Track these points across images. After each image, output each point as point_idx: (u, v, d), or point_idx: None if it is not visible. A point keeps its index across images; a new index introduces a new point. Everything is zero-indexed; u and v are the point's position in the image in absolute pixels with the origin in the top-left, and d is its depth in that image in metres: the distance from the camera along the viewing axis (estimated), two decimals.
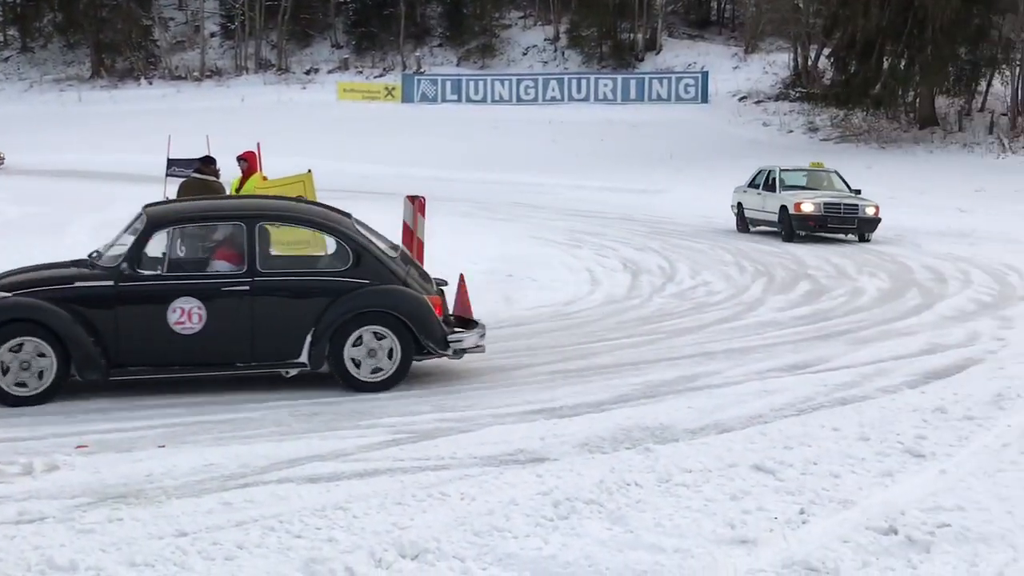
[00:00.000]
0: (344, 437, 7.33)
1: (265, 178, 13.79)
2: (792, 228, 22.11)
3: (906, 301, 14.33)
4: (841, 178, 23.79)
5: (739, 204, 24.63)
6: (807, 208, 21.96)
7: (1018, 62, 43.61)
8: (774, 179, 23.41)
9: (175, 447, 7.08)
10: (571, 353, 10.63)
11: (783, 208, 22.40)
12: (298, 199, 12.99)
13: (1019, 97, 43.34)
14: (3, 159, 39.21)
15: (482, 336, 9.49)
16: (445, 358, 9.18)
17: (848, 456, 6.92)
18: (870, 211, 21.94)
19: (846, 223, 22.03)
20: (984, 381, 9.30)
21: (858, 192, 22.95)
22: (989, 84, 45.46)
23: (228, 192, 13.81)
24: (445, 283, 9.97)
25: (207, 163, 13.52)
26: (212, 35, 66.31)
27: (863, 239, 22.02)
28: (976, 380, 9.37)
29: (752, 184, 24.36)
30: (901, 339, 11.51)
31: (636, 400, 8.59)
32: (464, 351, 9.25)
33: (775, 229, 22.90)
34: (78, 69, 64.37)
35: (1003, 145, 40.91)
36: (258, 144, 14.06)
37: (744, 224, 24.27)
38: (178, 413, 8.09)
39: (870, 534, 5.52)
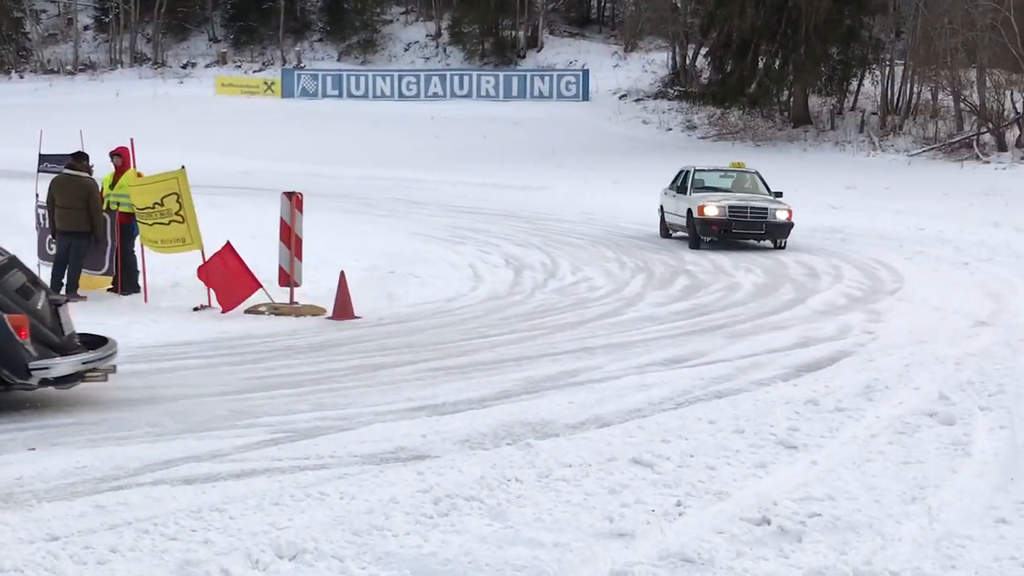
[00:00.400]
0: (221, 437, 7.22)
1: (140, 175, 13.53)
2: (697, 234, 20.46)
3: (780, 296, 14.66)
4: (762, 180, 22.04)
5: (661, 208, 22.71)
6: (710, 212, 20.04)
7: (888, 62, 44.94)
8: (690, 180, 21.54)
9: (46, 449, 6.88)
10: (453, 350, 10.64)
11: (689, 212, 20.68)
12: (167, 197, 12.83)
13: (889, 96, 44.66)
14: None
15: (93, 361, 8.15)
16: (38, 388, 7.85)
17: (723, 448, 7.05)
18: (781, 215, 20.14)
19: (753, 228, 20.26)
20: (854, 373, 9.56)
21: (779, 195, 21.23)
22: (860, 84, 46.74)
23: (101, 188, 13.52)
24: (62, 300, 8.75)
25: (79, 159, 13.21)
26: (85, 28, 64.74)
27: (777, 246, 20.36)
28: (846, 372, 9.63)
29: (672, 185, 22.40)
30: (775, 333, 11.78)
31: (517, 396, 8.63)
32: (64, 380, 7.92)
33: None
34: None
35: (873, 143, 42.11)
36: (131, 140, 13.78)
37: (665, 229, 22.41)
38: (49, 414, 7.87)
39: (744, 525, 5.63)
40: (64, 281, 13.10)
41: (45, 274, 12.65)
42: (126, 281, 13.49)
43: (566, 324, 12.32)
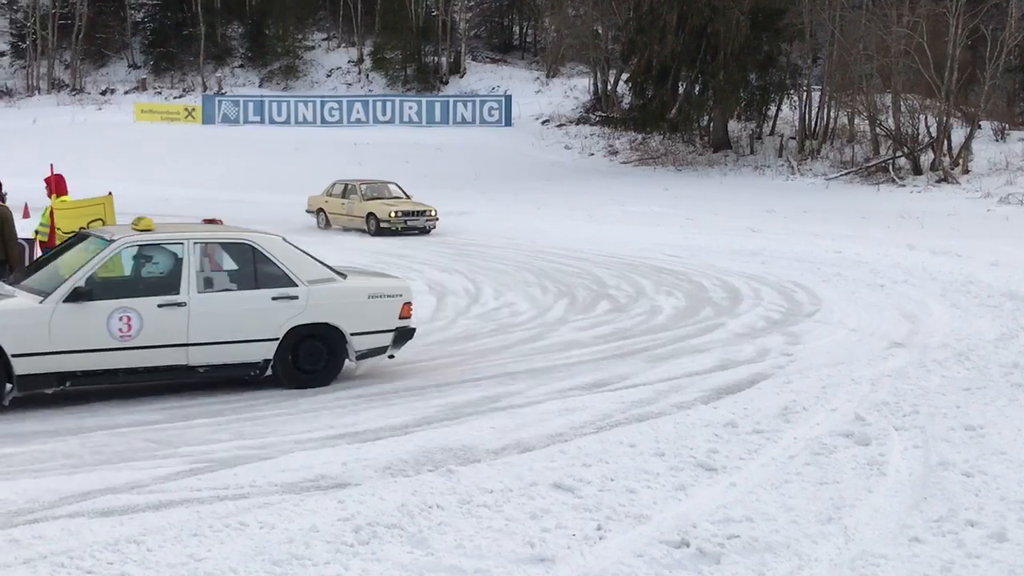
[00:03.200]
0: (139, 468, 7.13)
1: (59, 199, 13.25)
2: None
3: (701, 319, 14.80)
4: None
5: None
6: None
7: (805, 88, 45.75)
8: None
9: None
10: (375, 376, 10.60)
11: None
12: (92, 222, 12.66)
13: (806, 121, 45.44)
14: None
15: None
16: None
17: (644, 472, 7.11)
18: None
19: None
20: (772, 395, 9.69)
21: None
22: (779, 109, 47.52)
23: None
24: None
25: None
26: (2, 54, 63.67)
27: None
28: (765, 395, 9.75)
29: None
30: (695, 356, 11.89)
31: (439, 422, 8.63)
32: None
33: None
34: None
35: (792, 167, 42.79)
36: (51, 165, 13.57)
37: None
38: None
39: (663, 547, 5.68)
40: None
41: None
42: None
43: (488, 349, 12.33)
